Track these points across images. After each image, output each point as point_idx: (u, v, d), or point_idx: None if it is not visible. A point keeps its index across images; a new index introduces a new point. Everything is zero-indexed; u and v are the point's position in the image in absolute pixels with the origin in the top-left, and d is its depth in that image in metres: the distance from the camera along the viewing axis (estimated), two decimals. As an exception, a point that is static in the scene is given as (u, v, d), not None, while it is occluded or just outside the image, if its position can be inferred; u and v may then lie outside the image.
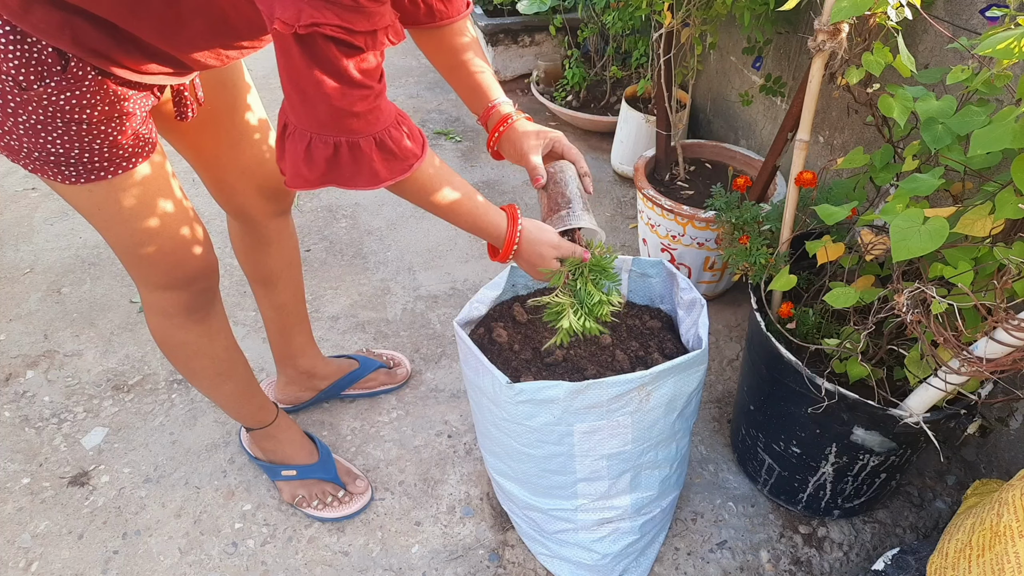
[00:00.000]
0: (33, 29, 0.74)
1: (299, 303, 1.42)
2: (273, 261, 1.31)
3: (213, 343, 1.16)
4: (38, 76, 0.76)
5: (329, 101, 0.72)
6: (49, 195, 2.28)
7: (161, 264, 1.01)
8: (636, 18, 2.15)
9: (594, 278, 1.02)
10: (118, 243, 0.97)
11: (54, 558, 1.28)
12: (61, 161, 0.84)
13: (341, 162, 0.79)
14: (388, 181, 0.82)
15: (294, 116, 0.76)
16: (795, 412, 1.18)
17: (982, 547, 0.85)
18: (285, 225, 1.29)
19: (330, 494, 1.35)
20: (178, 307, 1.08)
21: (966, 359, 0.87)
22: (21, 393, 1.61)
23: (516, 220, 0.97)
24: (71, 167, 0.85)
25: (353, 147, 0.78)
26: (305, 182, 0.80)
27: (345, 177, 0.80)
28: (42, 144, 0.82)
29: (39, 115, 0.79)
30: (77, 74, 0.78)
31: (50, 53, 0.76)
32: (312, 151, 0.78)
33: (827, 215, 1.02)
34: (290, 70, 0.71)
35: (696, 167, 1.91)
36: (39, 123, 0.80)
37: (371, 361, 1.59)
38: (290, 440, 1.36)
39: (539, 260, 1.00)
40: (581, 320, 0.99)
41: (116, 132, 0.85)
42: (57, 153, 0.83)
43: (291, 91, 0.74)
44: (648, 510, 1.16)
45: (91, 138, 0.83)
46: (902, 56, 0.93)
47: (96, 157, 0.85)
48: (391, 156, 0.81)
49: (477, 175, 2.42)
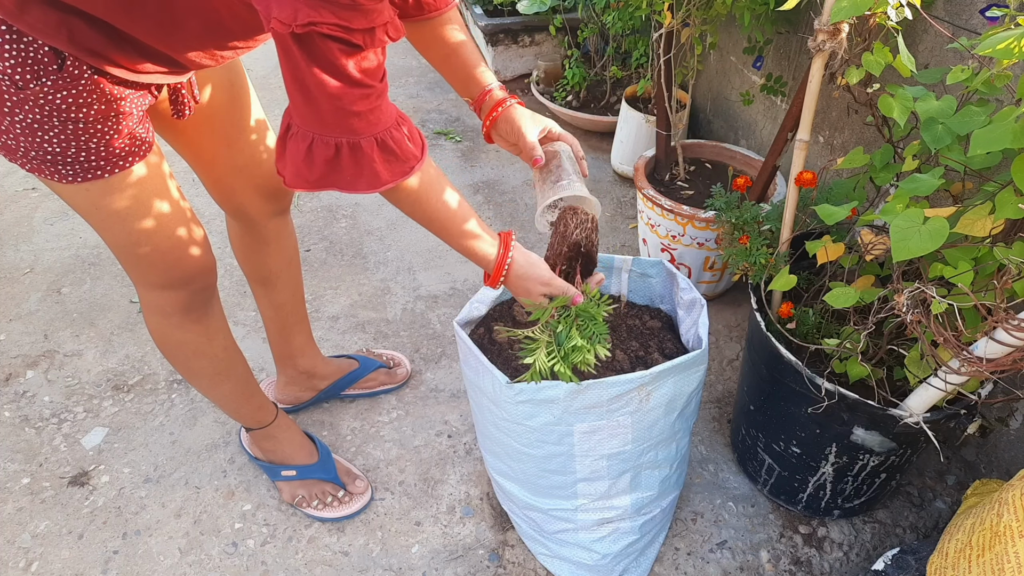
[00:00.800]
0: (29, 28, 0.74)
1: (298, 303, 1.42)
2: (272, 260, 1.31)
3: (211, 343, 1.16)
4: (34, 75, 0.76)
5: (331, 100, 0.72)
6: (49, 195, 2.28)
7: (158, 263, 1.01)
8: (636, 18, 2.15)
9: (581, 323, 0.98)
10: (115, 242, 0.97)
11: (54, 558, 1.28)
12: (58, 160, 0.84)
13: (342, 163, 0.78)
14: (389, 183, 0.82)
15: (298, 117, 0.76)
16: (795, 412, 1.18)
17: (982, 547, 0.85)
18: (284, 224, 1.30)
19: (330, 494, 1.35)
20: (176, 306, 1.08)
21: (966, 359, 0.87)
22: (21, 393, 1.61)
23: (508, 248, 0.95)
24: (67, 166, 0.85)
25: (354, 148, 0.78)
26: (305, 183, 0.80)
27: (346, 179, 0.80)
28: (39, 143, 0.82)
29: (35, 114, 0.79)
30: (73, 73, 0.78)
31: (46, 52, 0.76)
32: (313, 152, 0.77)
33: (827, 215, 1.02)
34: (292, 70, 0.71)
35: (696, 167, 1.91)
36: (35, 122, 0.80)
37: (371, 361, 1.59)
38: (290, 440, 1.36)
39: (525, 294, 0.98)
40: (553, 363, 0.95)
41: (112, 131, 0.85)
42: (54, 152, 0.83)
43: (294, 91, 0.74)
44: (648, 510, 1.16)
45: (87, 137, 0.83)
46: (902, 56, 0.93)
47: (92, 156, 0.85)
48: (392, 157, 0.81)
49: (477, 175, 2.42)
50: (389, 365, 1.61)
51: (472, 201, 2.28)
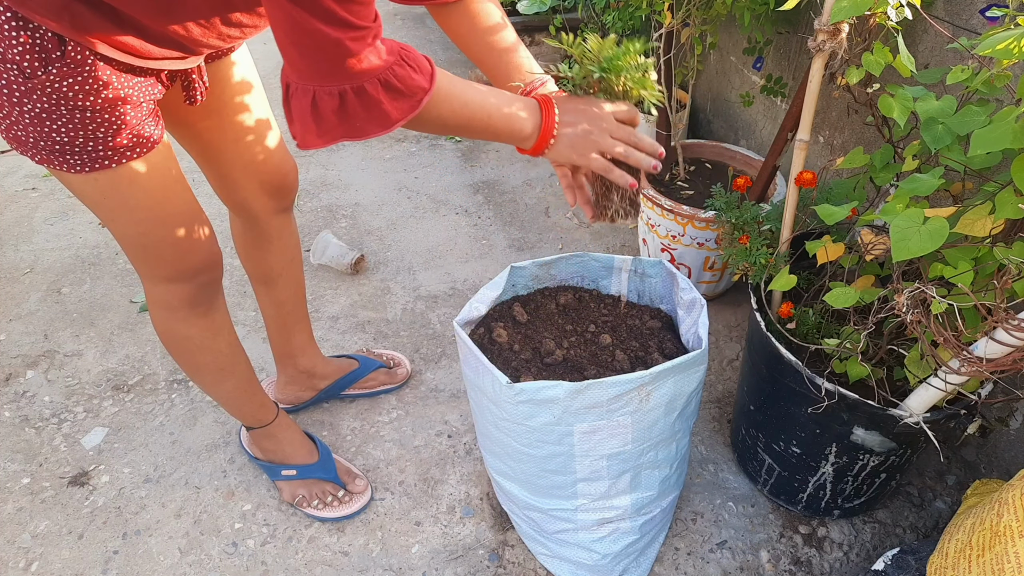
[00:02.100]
0: (33, 13, 0.74)
1: (299, 301, 1.42)
2: (274, 258, 1.31)
3: (216, 338, 1.16)
4: (42, 63, 0.77)
5: (326, 48, 0.71)
6: (49, 195, 2.28)
7: (165, 255, 1.01)
8: (636, 18, 2.15)
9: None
10: (122, 234, 0.97)
11: (54, 558, 1.28)
12: (66, 150, 0.84)
13: (350, 110, 0.76)
14: (400, 121, 0.79)
15: (295, 73, 0.75)
16: (795, 412, 1.18)
17: (982, 547, 0.85)
18: (287, 223, 1.30)
19: (330, 494, 1.35)
20: (182, 300, 1.08)
21: (966, 359, 0.87)
22: (21, 393, 1.61)
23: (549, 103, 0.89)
24: (76, 156, 0.85)
25: (359, 92, 0.75)
26: (317, 138, 0.78)
27: (357, 126, 0.77)
28: (47, 133, 0.82)
29: (43, 103, 0.79)
30: (76, 59, 0.78)
31: (50, 38, 0.76)
32: (319, 106, 0.75)
33: (827, 215, 1.02)
34: (283, 24, 0.70)
35: (696, 167, 1.91)
36: (44, 111, 0.80)
37: (371, 361, 1.59)
38: (290, 440, 1.36)
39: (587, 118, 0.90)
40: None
41: (120, 121, 0.85)
42: (62, 142, 0.83)
43: (288, 46, 0.72)
44: (648, 510, 1.16)
45: (95, 126, 0.83)
46: (902, 56, 0.93)
47: (100, 145, 0.85)
48: (398, 95, 0.78)
49: (477, 175, 2.42)
50: (389, 365, 1.61)
51: (472, 201, 2.29)
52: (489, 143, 2.61)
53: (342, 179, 2.40)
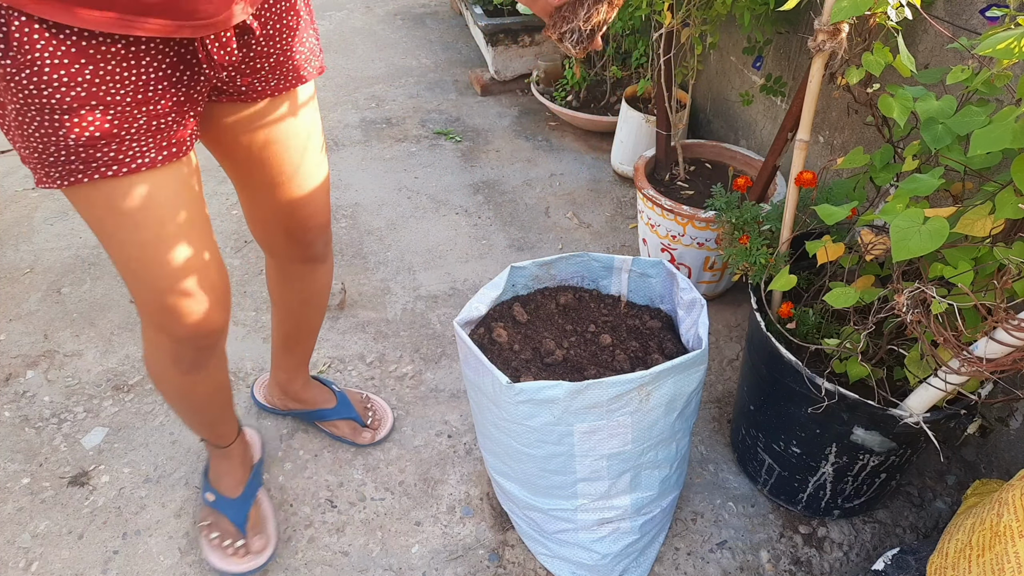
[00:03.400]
0: None
1: (304, 337, 1.37)
2: (290, 296, 1.27)
3: (194, 390, 1.07)
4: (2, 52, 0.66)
5: None
6: (49, 195, 2.28)
7: (149, 303, 0.85)
8: (636, 18, 2.15)
9: None
10: (113, 259, 0.84)
11: (54, 558, 1.28)
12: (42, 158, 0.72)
13: None
14: None
15: None
16: (795, 412, 1.18)
17: (982, 547, 0.85)
18: (310, 272, 1.23)
19: (229, 537, 1.24)
20: (165, 351, 0.94)
21: (966, 359, 0.87)
22: (21, 393, 1.61)
23: None
24: (50, 165, 0.73)
25: None
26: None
27: None
28: (25, 136, 0.72)
29: (15, 102, 0.69)
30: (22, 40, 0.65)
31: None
32: None
33: (827, 215, 1.02)
34: None
35: (696, 167, 1.91)
36: (18, 112, 0.70)
37: (348, 407, 1.49)
38: (229, 468, 1.30)
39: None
40: None
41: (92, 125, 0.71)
42: (39, 149, 0.72)
43: None
44: (648, 510, 1.16)
45: (65, 130, 0.70)
46: (902, 56, 0.93)
47: (73, 155, 0.72)
48: None
49: (477, 175, 2.42)
50: (366, 420, 1.49)
51: (472, 201, 2.28)
52: (489, 144, 2.61)
53: (342, 179, 2.40)
